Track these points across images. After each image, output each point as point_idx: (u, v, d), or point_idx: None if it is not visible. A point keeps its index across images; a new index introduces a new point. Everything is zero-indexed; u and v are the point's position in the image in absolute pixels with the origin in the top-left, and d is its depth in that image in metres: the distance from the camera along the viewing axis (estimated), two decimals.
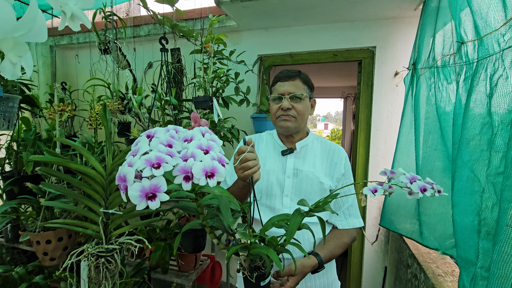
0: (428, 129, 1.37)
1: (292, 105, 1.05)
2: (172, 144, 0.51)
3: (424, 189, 0.53)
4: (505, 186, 0.56)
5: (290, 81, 1.07)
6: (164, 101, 1.47)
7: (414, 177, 0.56)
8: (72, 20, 0.42)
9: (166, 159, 0.46)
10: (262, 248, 0.73)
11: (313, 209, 0.73)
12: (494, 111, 0.71)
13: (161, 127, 1.71)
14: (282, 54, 2.13)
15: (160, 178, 0.46)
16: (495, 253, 0.55)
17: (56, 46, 2.50)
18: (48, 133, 1.42)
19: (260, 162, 1.12)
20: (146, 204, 0.45)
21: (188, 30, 1.62)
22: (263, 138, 1.21)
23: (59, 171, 1.14)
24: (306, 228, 0.76)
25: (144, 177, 0.46)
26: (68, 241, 1.22)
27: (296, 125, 1.08)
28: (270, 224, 0.79)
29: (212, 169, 0.49)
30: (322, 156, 1.12)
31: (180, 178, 0.48)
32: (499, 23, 0.71)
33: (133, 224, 0.98)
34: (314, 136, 1.19)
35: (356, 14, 1.83)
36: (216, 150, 0.52)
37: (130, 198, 0.44)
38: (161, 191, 0.46)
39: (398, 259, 1.72)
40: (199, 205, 0.76)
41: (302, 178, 1.07)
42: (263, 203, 1.09)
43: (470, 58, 0.94)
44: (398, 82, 1.88)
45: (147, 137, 0.54)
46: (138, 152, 0.48)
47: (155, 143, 0.49)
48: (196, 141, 0.52)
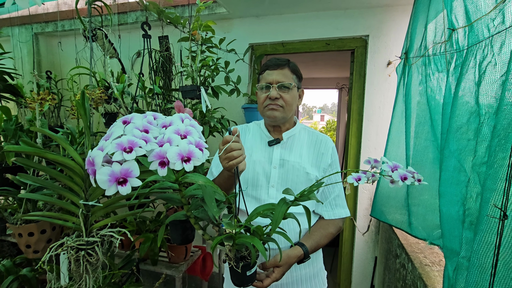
0: (419, 119, 1.36)
1: (280, 95, 1.03)
2: (149, 130, 0.49)
3: (404, 177, 0.53)
4: (488, 175, 0.54)
5: (278, 69, 1.04)
6: (149, 90, 1.43)
7: (395, 165, 0.55)
8: None
9: (139, 143, 0.44)
10: (247, 237, 0.72)
11: (298, 198, 0.72)
12: (482, 99, 0.69)
13: None
14: (273, 42, 2.08)
15: (131, 163, 0.43)
16: (476, 243, 0.54)
17: (41, 34, 2.41)
18: (30, 123, 1.37)
19: (247, 152, 1.11)
20: (116, 189, 0.43)
21: (175, 17, 1.57)
22: (250, 129, 1.19)
23: (40, 163, 1.11)
24: (291, 217, 0.76)
25: (115, 161, 0.43)
26: (52, 234, 1.20)
27: (284, 115, 1.06)
28: (256, 213, 0.78)
29: (188, 153, 0.47)
30: (309, 147, 1.11)
31: (156, 163, 0.46)
32: (489, 7, 0.68)
33: (117, 216, 0.96)
34: (302, 126, 1.17)
35: (349, 2, 1.79)
36: (194, 135, 0.50)
37: (98, 182, 0.42)
38: (132, 176, 0.43)
39: (388, 249, 1.73)
40: (183, 195, 0.74)
41: (289, 168, 1.06)
42: (249, 193, 1.08)
43: (461, 45, 0.92)
44: (391, 72, 1.85)
45: (123, 122, 0.52)
46: (111, 137, 0.46)
47: (130, 128, 0.47)
48: (173, 126, 0.50)
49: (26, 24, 2.41)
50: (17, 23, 2.41)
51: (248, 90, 2.14)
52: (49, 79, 1.98)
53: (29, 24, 2.41)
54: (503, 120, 0.53)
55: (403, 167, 0.55)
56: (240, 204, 0.97)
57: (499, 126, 0.53)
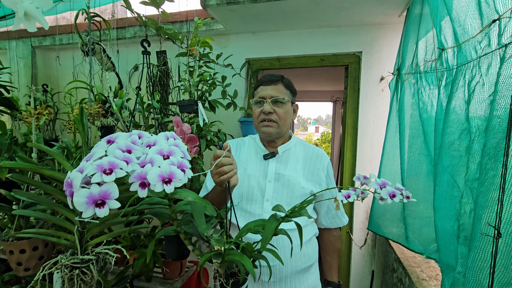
0: (412, 134, 1.38)
1: (273, 109, 1.05)
2: (132, 150, 0.49)
3: (393, 195, 0.54)
4: (480, 192, 0.56)
5: (272, 85, 1.07)
6: (147, 104, 1.44)
7: (384, 183, 0.56)
8: (28, 20, 0.40)
9: (120, 165, 0.44)
10: (236, 255, 0.71)
11: (289, 214, 0.72)
12: (472, 117, 0.71)
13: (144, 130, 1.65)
14: (269, 58, 2.13)
15: (111, 185, 0.44)
16: (470, 259, 0.55)
17: (38, 47, 2.43)
18: (25, 138, 1.36)
19: (242, 166, 1.12)
20: (93, 211, 0.43)
21: (173, 33, 1.60)
22: (245, 142, 1.20)
23: (33, 179, 1.09)
24: (283, 233, 0.75)
25: (94, 183, 0.44)
26: (44, 250, 1.17)
27: (278, 130, 1.08)
28: (246, 229, 0.78)
29: (169, 174, 0.47)
30: (304, 161, 1.12)
31: (136, 184, 0.46)
32: (476, 30, 0.72)
33: (113, 233, 0.94)
34: (297, 140, 1.19)
35: (342, 20, 1.85)
36: (177, 155, 0.51)
37: (75, 204, 0.42)
38: (111, 198, 0.43)
39: (385, 263, 1.72)
40: (173, 211, 0.73)
41: (284, 182, 1.06)
42: (243, 208, 1.08)
43: (450, 64, 0.95)
44: (384, 87, 1.90)
45: (108, 142, 0.52)
46: (93, 157, 0.46)
47: (112, 149, 0.47)
48: (156, 147, 0.50)
49: (24, 37, 2.42)
50: (15, 36, 2.43)
51: (245, 104, 2.16)
52: (45, 92, 1.98)
53: (26, 38, 2.43)
54: (492, 139, 0.55)
55: (391, 184, 0.56)
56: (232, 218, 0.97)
57: (488, 144, 0.55)
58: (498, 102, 0.56)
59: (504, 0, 0.60)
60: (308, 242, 1.09)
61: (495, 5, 0.62)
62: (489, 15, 0.65)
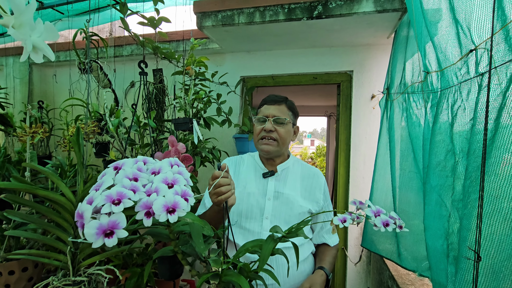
0: (403, 151, 1.42)
1: (275, 128, 1.09)
2: (138, 178, 0.50)
3: (386, 223, 0.56)
4: (464, 214, 0.58)
5: (276, 105, 1.12)
6: (143, 123, 1.46)
7: (378, 210, 0.58)
8: (35, 52, 0.42)
9: (128, 195, 0.46)
10: (233, 275, 0.72)
11: (286, 234, 0.74)
12: (456, 139, 0.75)
13: (140, 149, 1.64)
14: (264, 76, 2.18)
15: (119, 215, 0.45)
16: (457, 280, 0.56)
17: (35, 64, 2.45)
18: (19, 155, 1.36)
19: (241, 184, 1.13)
20: (102, 241, 0.44)
21: (170, 53, 1.64)
22: (244, 160, 1.22)
23: (25, 198, 1.09)
24: (280, 253, 0.76)
25: (103, 214, 0.45)
26: (34, 271, 1.14)
27: (277, 149, 1.10)
28: (244, 250, 0.79)
29: (173, 204, 0.49)
30: (302, 179, 1.15)
31: (142, 214, 0.48)
32: (456, 58, 0.77)
33: (106, 253, 0.94)
34: (295, 159, 1.22)
35: (333, 41, 1.92)
36: (181, 183, 0.52)
37: (85, 236, 0.43)
38: (119, 227, 0.45)
39: (379, 280, 1.72)
40: (171, 231, 0.74)
41: (283, 201, 1.08)
42: (242, 225, 1.09)
43: (435, 87, 1.00)
44: (375, 105, 1.96)
45: (114, 168, 0.54)
46: (101, 187, 0.47)
47: (120, 177, 0.49)
48: (161, 175, 0.52)
49: (21, 54, 2.45)
50: (12, 53, 2.46)
51: (240, 120, 2.20)
52: (40, 109, 1.98)
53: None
54: (473, 162, 0.58)
55: (385, 212, 0.57)
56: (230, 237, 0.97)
57: (470, 168, 0.58)
58: (477, 127, 0.59)
59: (479, 32, 0.64)
60: (306, 260, 1.09)
61: (472, 36, 0.67)
62: (467, 44, 0.70)
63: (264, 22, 1.63)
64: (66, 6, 2.00)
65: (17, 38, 0.41)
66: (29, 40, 0.41)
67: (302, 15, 1.58)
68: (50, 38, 0.44)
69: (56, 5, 2.00)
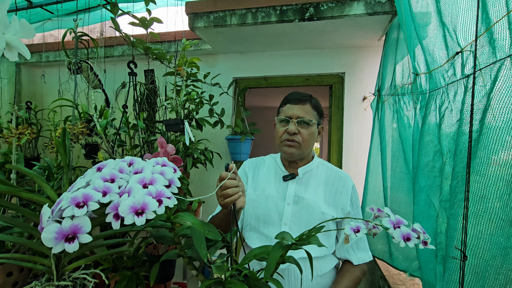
0: (393, 152, 1.43)
1: (298, 130, 0.99)
2: (116, 178, 0.49)
3: (407, 238, 0.49)
4: (451, 214, 0.58)
5: (300, 104, 1.02)
6: (133, 124, 1.44)
7: (399, 221, 0.52)
8: (9, 50, 0.41)
9: (96, 197, 0.44)
10: (237, 284, 0.67)
11: (296, 241, 0.67)
12: (443, 140, 0.75)
13: (130, 150, 1.61)
14: (256, 77, 2.18)
15: (82, 218, 0.43)
16: (445, 280, 0.56)
17: (23, 64, 2.40)
18: (5, 157, 1.33)
19: (260, 187, 1.07)
20: (62, 247, 0.42)
21: (161, 53, 1.63)
22: (265, 162, 1.15)
23: (10, 202, 1.06)
24: (292, 262, 0.69)
25: (66, 217, 0.43)
26: (19, 276, 1.12)
27: (301, 152, 1.02)
28: (252, 256, 0.73)
29: (142, 205, 0.46)
30: (326, 184, 1.05)
31: (111, 216, 0.46)
32: (443, 60, 0.78)
33: (94, 256, 0.92)
34: (320, 161, 1.12)
35: (325, 42, 1.93)
36: (160, 183, 0.50)
37: (43, 240, 0.41)
38: (82, 232, 0.43)
39: (371, 280, 1.72)
40: (176, 234, 0.72)
41: (303, 206, 1.00)
42: (260, 230, 1.02)
43: (424, 88, 1.01)
44: (366, 106, 1.97)
45: (98, 169, 0.52)
46: (73, 188, 0.46)
47: (95, 178, 0.47)
48: (139, 175, 0.50)
49: None
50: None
51: (232, 121, 2.19)
52: (28, 110, 1.94)
53: None
54: (459, 163, 0.58)
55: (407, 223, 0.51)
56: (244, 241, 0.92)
57: (456, 168, 0.59)
58: (463, 128, 0.60)
59: (465, 35, 0.65)
60: (327, 274, 0.99)
61: (458, 39, 0.68)
62: (453, 47, 0.71)
63: (256, 23, 1.63)
64: (56, 6, 1.97)
65: None
66: (2, 37, 0.39)
67: (294, 17, 1.58)
68: (26, 36, 0.43)
69: (45, 4, 1.97)
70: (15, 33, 0.40)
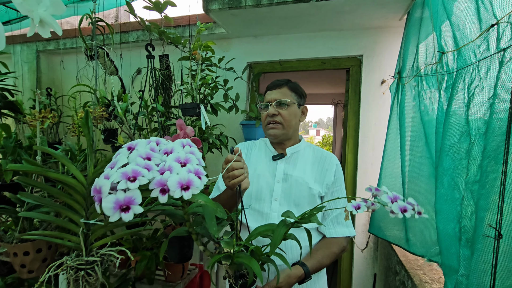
0: (414, 136, 1.39)
1: (278, 111, 1.09)
2: (151, 157, 0.51)
3: (404, 209, 0.54)
4: (481, 194, 0.56)
5: (277, 89, 1.12)
6: (151, 108, 1.46)
7: (396, 197, 0.57)
8: (42, 26, 0.41)
9: (143, 173, 0.46)
10: (245, 258, 0.73)
11: (299, 220, 0.73)
12: (471, 120, 0.72)
13: (148, 134, 1.65)
14: (271, 61, 2.14)
15: (135, 191, 0.45)
16: (473, 261, 0.55)
17: (42, 52, 2.45)
18: (30, 141, 1.38)
19: (251, 167, 1.15)
20: (119, 216, 0.44)
21: (176, 37, 1.62)
22: (256, 145, 1.24)
23: (38, 181, 1.11)
24: (292, 238, 0.76)
25: (119, 190, 0.45)
26: (47, 252, 1.18)
27: (284, 131, 1.10)
28: (256, 233, 0.80)
29: (187, 181, 0.49)
30: (313, 163, 1.14)
31: (157, 191, 0.49)
32: (475, 34, 0.73)
33: (116, 235, 0.95)
34: (307, 143, 1.21)
35: (343, 24, 1.86)
36: (193, 162, 0.53)
37: (103, 209, 0.44)
38: (135, 203, 0.45)
39: (387, 266, 1.72)
40: (186, 212, 0.75)
41: (292, 183, 1.08)
42: (252, 207, 1.10)
43: (450, 67, 0.96)
44: (385, 90, 1.91)
45: (128, 149, 0.54)
46: (116, 165, 0.48)
47: (133, 156, 0.49)
48: (174, 154, 0.52)
49: (28, 42, 2.45)
50: (19, 41, 2.46)
51: (247, 107, 2.18)
52: (49, 96, 2.00)
53: (31, 42, 2.46)
54: (492, 141, 0.56)
55: (402, 198, 0.57)
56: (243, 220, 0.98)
57: (488, 147, 0.56)
58: (497, 105, 0.57)
59: (502, 5, 0.61)
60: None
61: (493, 10, 0.63)
62: (488, 19, 0.67)
63: (272, 4, 1.59)
64: None
65: (23, 10, 0.40)
66: (36, 13, 0.40)
67: None
68: (57, 12, 0.43)
69: None
70: (46, 9, 0.40)
